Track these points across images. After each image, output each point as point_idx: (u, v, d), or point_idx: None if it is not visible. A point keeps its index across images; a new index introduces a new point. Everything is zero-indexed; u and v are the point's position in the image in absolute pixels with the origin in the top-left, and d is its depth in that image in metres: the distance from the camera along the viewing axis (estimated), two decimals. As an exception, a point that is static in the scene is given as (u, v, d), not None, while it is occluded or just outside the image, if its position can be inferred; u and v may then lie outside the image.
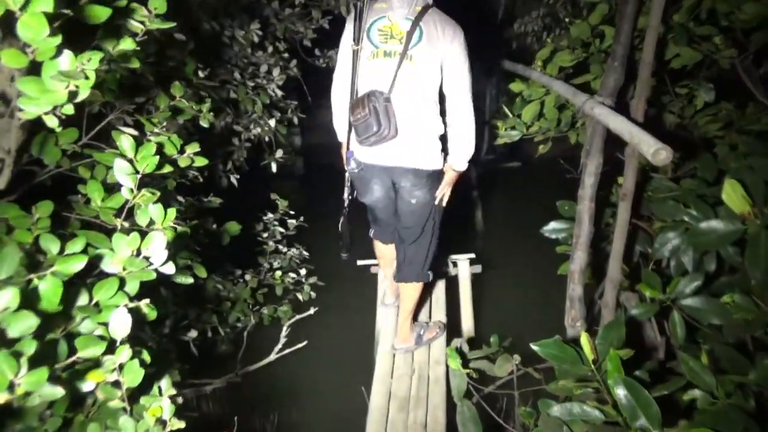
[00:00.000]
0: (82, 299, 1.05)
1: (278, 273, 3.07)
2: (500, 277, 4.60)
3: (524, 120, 2.67)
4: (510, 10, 7.61)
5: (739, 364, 1.46)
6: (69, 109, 0.92)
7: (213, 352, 3.18)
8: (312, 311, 3.04)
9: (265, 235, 3.15)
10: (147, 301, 1.11)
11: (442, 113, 2.16)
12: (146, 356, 1.09)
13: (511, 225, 5.75)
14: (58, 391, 0.89)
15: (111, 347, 1.00)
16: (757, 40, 2.24)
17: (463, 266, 3.27)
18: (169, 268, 1.12)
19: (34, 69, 0.87)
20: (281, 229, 3.15)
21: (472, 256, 3.33)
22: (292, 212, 3.18)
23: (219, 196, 2.57)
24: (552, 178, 3.83)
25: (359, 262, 3.30)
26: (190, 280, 1.61)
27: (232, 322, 2.96)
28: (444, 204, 2.33)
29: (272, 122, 3.01)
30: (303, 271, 3.13)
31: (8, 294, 0.85)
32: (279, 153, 3.26)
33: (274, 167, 3.31)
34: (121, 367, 1.02)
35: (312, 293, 3.16)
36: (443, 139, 2.20)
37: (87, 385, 1.01)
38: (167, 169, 1.36)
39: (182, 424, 1.09)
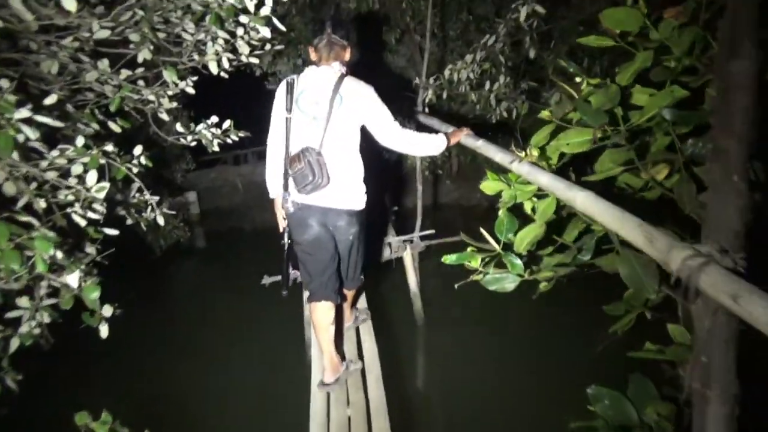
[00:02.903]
0: None
1: None
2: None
3: (519, 250, 1.54)
4: (436, 59, 6.76)
5: None
6: None
7: None
8: None
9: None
10: None
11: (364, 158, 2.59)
12: None
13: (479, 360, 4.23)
14: None
15: None
16: None
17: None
18: None
19: None
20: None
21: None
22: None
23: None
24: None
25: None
26: None
27: None
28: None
29: (73, 277, 1.66)
30: None
31: None
32: (107, 311, 1.92)
33: (104, 332, 1.96)
34: None
35: None
36: (365, 182, 2.60)
37: None
38: None
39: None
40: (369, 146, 2.74)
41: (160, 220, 2.84)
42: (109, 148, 2.06)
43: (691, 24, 1.38)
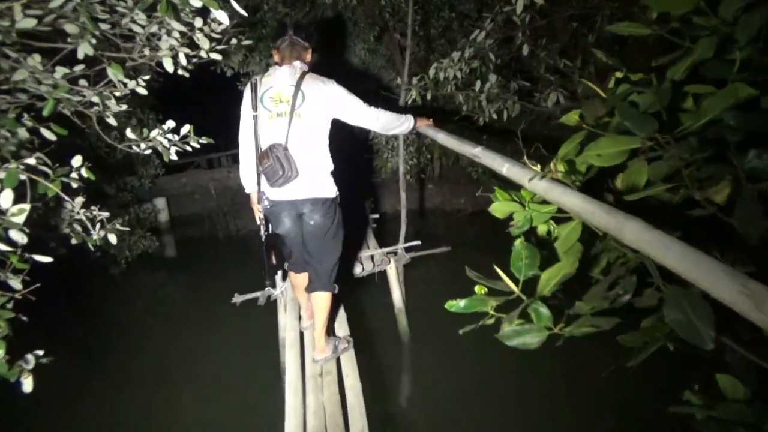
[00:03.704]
0: None
1: None
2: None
3: (543, 292, 1.23)
4: (417, 59, 6.45)
5: None
6: None
7: None
8: None
9: None
10: None
11: (331, 152, 2.72)
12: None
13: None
14: None
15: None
16: None
17: None
18: None
19: None
20: None
21: None
22: None
23: None
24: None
25: None
26: None
27: None
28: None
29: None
30: None
31: None
32: (29, 363, 1.55)
33: (27, 386, 1.60)
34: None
35: None
36: (333, 174, 2.74)
37: None
38: None
39: None
40: (343, 152, 2.84)
41: (112, 239, 2.46)
42: (32, 161, 1.68)
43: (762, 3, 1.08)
